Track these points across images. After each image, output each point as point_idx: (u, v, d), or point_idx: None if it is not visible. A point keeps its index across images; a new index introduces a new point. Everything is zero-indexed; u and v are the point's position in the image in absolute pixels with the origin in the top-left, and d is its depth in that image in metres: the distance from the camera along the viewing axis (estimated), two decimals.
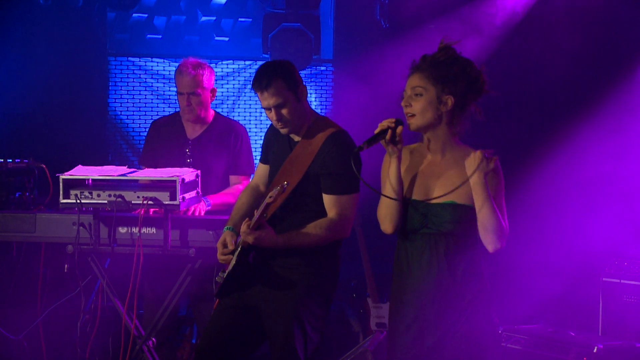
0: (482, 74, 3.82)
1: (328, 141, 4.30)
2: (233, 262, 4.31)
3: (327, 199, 4.25)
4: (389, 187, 3.83)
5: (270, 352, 4.37)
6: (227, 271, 4.35)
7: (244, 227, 4.17)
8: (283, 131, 4.38)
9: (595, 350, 5.41)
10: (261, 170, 4.63)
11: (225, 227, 4.45)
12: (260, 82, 4.27)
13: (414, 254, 3.85)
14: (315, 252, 4.30)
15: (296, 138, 4.41)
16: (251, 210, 4.51)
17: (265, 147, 4.60)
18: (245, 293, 4.39)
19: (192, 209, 5.27)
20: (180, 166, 5.43)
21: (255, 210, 4.28)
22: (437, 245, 3.80)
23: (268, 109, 4.31)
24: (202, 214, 5.33)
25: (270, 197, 4.09)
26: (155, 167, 5.41)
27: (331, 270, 4.37)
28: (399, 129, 3.78)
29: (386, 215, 3.86)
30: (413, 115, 3.80)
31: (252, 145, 5.66)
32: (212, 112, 5.63)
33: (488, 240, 3.75)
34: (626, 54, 7.23)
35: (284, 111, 4.29)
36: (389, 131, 3.78)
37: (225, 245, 4.38)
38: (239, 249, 4.29)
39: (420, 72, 3.80)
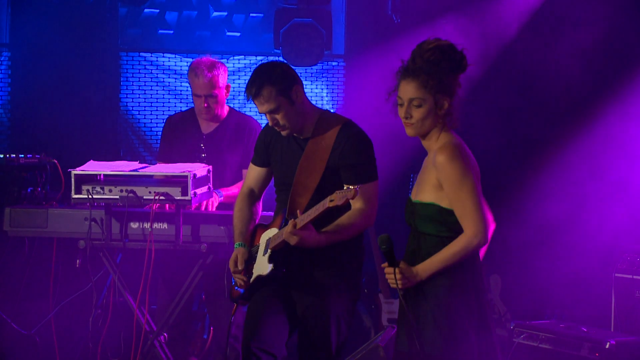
0: (462, 52, 3.78)
1: (342, 133, 4.30)
2: (269, 267, 4.25)
3: None
4: None
5: (302, 344, 4.37)
6: (254, 276, 4.31)
7: (289, 228, 4.09)
8: (283, 133, 4.37)
9: (607, 346, 5.40)
10: (255, 173, 4.57)
11: (237, 244, 4.42)
12: (250, 89, 4.28)
13: (406, 249, 3.86)
14: (343, 248, 4.30)
15: (304, 136, 4.39)
16: (254, 218, 4.50)
17: (260, 149, 4.54)
18: (281, 290, 4.36)
19: (205, 202, 5.27)
20: (195, 161, 5.43)
21: (299, 212, 4.16)
22: (417, 243, 3.80)
23: (263, 113, 4.32)
24: (215, 205, 5.33)
25: (331, 200, 3.97)
26: (171, 162, 5.41)
27: (358, 263, 4.40)
28: (398, 275, 3.70)
29: None
30: (412, 124, 3.78)
31: None
32: (226, 108, 5.63)
33: None
34: (633, 55, 7.21)
35: (278, 116, 4.29)
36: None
37: (236, 264, 4.36)
38: (269, 252, 4.26)
39: (414, 80, 3.76)
